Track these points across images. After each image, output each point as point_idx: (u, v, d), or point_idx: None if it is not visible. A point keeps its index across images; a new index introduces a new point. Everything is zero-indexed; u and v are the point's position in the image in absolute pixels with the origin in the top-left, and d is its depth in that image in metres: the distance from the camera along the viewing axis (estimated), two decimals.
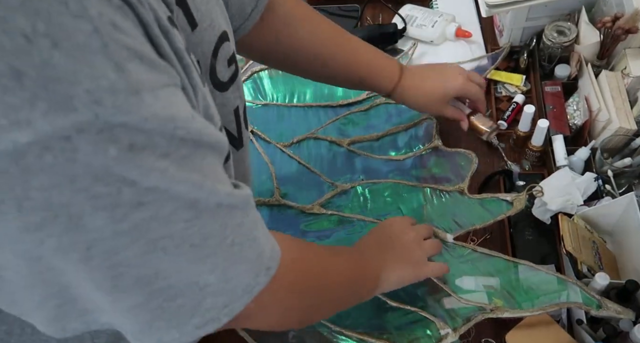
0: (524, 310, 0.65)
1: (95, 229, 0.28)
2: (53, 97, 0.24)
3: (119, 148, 0.26)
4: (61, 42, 0.24)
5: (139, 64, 0.27)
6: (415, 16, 1.00)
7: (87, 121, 0.25)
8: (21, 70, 0.24)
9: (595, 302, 0.63)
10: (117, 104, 0.26)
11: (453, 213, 0.76)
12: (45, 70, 0.24)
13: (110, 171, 0.27)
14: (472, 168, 0.79)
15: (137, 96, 0.27)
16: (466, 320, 0.66)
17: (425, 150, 0.84)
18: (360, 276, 0.57)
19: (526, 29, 0.92)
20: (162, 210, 0.30)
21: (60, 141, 0.25)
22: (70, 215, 0.27)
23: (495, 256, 0.71)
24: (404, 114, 0.89)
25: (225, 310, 0.35)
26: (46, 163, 0.25)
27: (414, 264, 0.64)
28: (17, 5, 0.23)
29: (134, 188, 0.28)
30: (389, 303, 0.69)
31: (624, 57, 0.81)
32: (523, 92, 0.90)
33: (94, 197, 0.27)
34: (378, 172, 0.84)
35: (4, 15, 0.23)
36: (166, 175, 0.29)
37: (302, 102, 0.93)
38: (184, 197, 0.30)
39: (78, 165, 0.26)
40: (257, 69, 0.96)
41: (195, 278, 0.33)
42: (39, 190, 0.26)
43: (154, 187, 0.29)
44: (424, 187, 0.80)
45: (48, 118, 0.24)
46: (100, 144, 0.26)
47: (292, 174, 0.85)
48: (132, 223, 0.29)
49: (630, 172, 0.75)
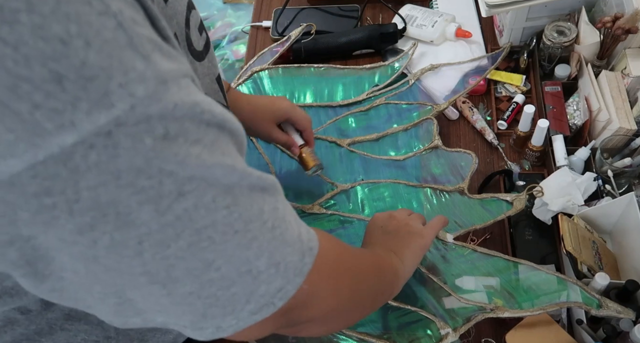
0: (524, 310, 0.65)
1: (143, 223, 0.28)
2: (92, 95, 0.25)
3: (154, 138, 0.27)
4: (92, 41, 0.25)
5: (160, 54, 0.28)
6: (415, 16, 1.00)
7: (124, 114, 0.26)
8: (61, 74, 0.24)
9: (596, 302, 0.63)
10: (148, 93, 0.26)
11: (453, 214, 0.77)
12: (83, 70, 0.25)
13: (150, 163, 0.27)
14: (472, 168, 0.79)
15: (165, 85, 0.27)
16: (466, 320, 0.66)
17: (425, 150, 0.84)
18: (381, 268, 0.56)
19: (526, 29, 0.92)
20: (202, 199, 0.30)
21: (102, 138, 0.25)
22: (118, 212, 0.28)
23: (495, 256, 0.71)
24: (404, 114, 0.89)
25: (280, 294, 0.36)
26: (92, 161, 0.26)
27: (416, 235, 0.63)
28: (49, 12, 0.24)
29: (173, 178, 0.28)
30: (390, 303, 0.69)
31: (624, 57, 0.81)
32: (523, 92, 0.90)
33: (138, 192, 0.27)
34: (378, 172, 0.84)
35: (40, 23, 0.24)
36: (201, 162, 0.29)
37: (302, 102, 0.93)
38: (220, 182, 0.31)
39: (121, 160, 0.26)
40: (257, 69, 0.96)
41: (246, 266, 0.34)
42: (88, 190, 0.26)
43: (191, 176, 0.29)
44: (424, 187, 0.80)
45: (90, 117, 0.25)
46: (137, 135, 0.26)
47: (292, 174, 0.85)
48: (175, 214, 0.29)
49: (630, 172, 0.76)
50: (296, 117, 0.75)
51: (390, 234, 0.63)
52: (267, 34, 1.07)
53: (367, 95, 0.92)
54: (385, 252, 0.59)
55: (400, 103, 0.89)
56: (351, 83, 0.94)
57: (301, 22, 1.02)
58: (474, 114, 0.88)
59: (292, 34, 0.99)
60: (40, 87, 0.24)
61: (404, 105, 0.89)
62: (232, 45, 1.72)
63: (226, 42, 1.73)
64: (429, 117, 0.87)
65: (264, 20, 1.08)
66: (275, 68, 0.96)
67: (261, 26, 1.08)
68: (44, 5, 0.24)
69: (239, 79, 0.96)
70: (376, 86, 0.92)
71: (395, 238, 0.62)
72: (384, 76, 0.94)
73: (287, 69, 0.96)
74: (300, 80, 0.95)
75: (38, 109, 0.24)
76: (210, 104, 0.31)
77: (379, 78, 0.94)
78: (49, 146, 0.25)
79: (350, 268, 0.47)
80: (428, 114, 0.87)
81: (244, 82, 0.95)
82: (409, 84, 0.91)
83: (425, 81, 0.92)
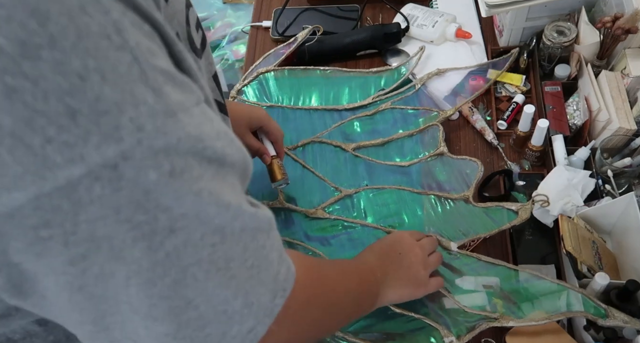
0: (529, 319, 0.64)
1: (134, 261, 0.29)
2: (103, 129, 0.25)
3: (159, 173, 0.27)
4: (108, 76, 0.25)
5: (173, 86, 0.29)
6: (416, 16, 1.00)
7: (132, 148, 0.26)
8: (76, 108, 0.25)
9: (602, 312, 0.63)
10: (156, 127, 0.27)
11: (458, 222, 0.76)
12: (97, 105, 0.25)
13: (149, 197, 0.27)
14: (478, 176, 0.78)
15: (174, 117, 0.28)
16: (471, 329, 0.66)
17: (430, 157, 0.83)
18: (364, 293, 0.58)
19: (526, 29, 0.92)
20: (192, 236, 0.30)
21: (108, 170, 0.26)
22: (112, 246, 0.28)
23: (500, 265, 0.70)
24: (410, 119, 0.88)
25: (250, 335, 0.36)
26: (95, 194, 0.26)
27: (415, 285, 0.64)
28: (69, 47, 0.24)
29: (168, 214, 0.28)
30: (393, 309, 0.69)
31: (623, 57, 0.81)
32: (523, 92, 0.90)
33: (134, 227, 0.28)
34: (382, 178, 0.83)
35: (61, 58, 0.24)
36: (197, 199, 0.29)
37: (308, 104, 0.93)
38: (212, 221, 0.31)
39: (123, 194, 0.27)
40: (262, 70, 0.96)
41: (223, 306, 0.34)
42: (86, 223, 0.26)
43: (185, 213, 0.29)
44: (428, 194, 0.80)
45: (99, 150, 0.25)
46: (142, 169, 0.27)
47: (296, 178, 0.85)
48: (166, 251, 0.29)
49: (630, 172, 0.76)
50: (269, 128, 0.76)
51: (400, 269, 0.63)
52: (267, 34, 1.07)
53: (373, 99, 0.91)
54: (380, 278, 0.60)
55: (406, 108, 0.89)
56: (357, 86, 0.94)
57: (301, 23, 1.02)
58: (474, 113, 0.88)
59: (299, 36, 0.98)
60: (54, 121, 0.24)
61: (410, 110, 0.89)
62: (232, 45, 1.72)
63: (226, 42, 1.73)
64: (434, 124, 0.86)
65: (264, 21, 1.08)
66: (281, 70, 0.96)
67: (261, 26, 1.08)
68: (65, 40, 0.24)
69: (245, 80, 0.95)
70: (382, 90, 0.92)
71: (399, 275, 0.63)
72: (390, 80, 0.94)
73: (293, 71, 0.96)
74: (306, 82, 0.95)
75: (50, 142, 0.24)
76: (214, 138, 0.31)
77: (385, 82, 0.94)
78: (55, 179, 0.25)
79: (323, 303, 0.48)
80: (434, 120, 0.86)
81: (249, 83, 0.95)
82: (415, 89, 0.91)
83: (427, 83, 0.92)
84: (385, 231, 0.78)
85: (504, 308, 0.67)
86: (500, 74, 0.90)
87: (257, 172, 0.85)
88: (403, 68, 0.94)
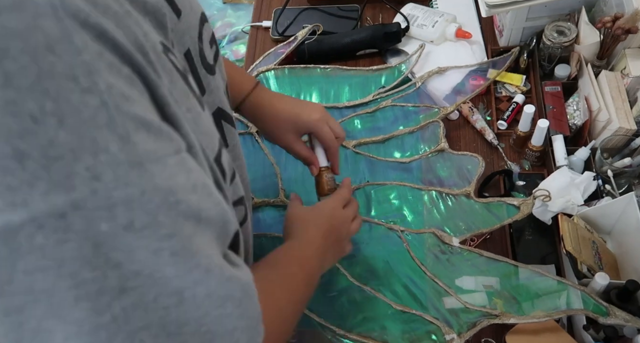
0: (529, 316, 0.65)
1: (74, 322, 0.26)
2: (53, 176, 0.24)
3: (112, 225, 0.25)
4: (67, 119, 0.24)
5: (146, 134, 0.27)
6: (417, 16, 1.00)
7: (84, 198, 0.24)
8: (25, 152, 0.23)
9: (604, 310, 0.63)
10: (116, 177, 0.25)
11: (459, 217, 0.76)
12: (49, 150, 0.23)
13: (99, 251, 0.25)
14: (479, 171, 0.79)
15: (140, 168, 0.26)
16: (472, 326, 0.66)
17: (431, 153, 0.84)
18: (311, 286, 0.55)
19: (526, 29, 0.92)
20: (144, 297, 0.27)
21: (54, 219, 0.24)
22: (52, 303, 0.25)
23: (502, 261, 0.71)
24: (410, 116, 0.88)
25: None
26: (36, 244, 0.24)
27: (342, 254, 0.65)
28: (27, 86, 0.23)
29: (119, 271, 0.26)
30: (394, 307, 0.69)
31: (623, 57, 0.81)
32: (523, 92, 0.90)
33: (78, 285, 0.25)
34: (383, 175, 0.84)
35: (14, 98, 0.23)
36: (155, 257, 0.27)
37: None
38: (169, 282, 0.28)
39: (68, 247, 0.25)
40: (263, 69, 0.96)
41: None
42: (24, 274, 0.24)
43: (139, 271, 0.27)
44: (429, 190, 0.80)
45: (46, 197, 0.24)
46: (94, 221, 0.25)
47: (297, 175, 0.85)
48: (112, 314, 0.27)
49: (630, 172, 0.76)
50: (320, 134, 0.66)
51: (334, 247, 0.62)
52: (267, 34, 1.07)
53: (374, 97, 0.91)
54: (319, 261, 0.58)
55: (406, 105, 0.89)
56: (357, 84, 0.94)
57: (301, 22, 1.02)
58: (474, 113, 0.88)
59: (299, 35, 0.98)
60: None
61: (411, 107, 0.89)
62: (232, 45, 1.72)
63: (226, 42, 1.73)
64: (435, 120, 0.86)
65: (264, 20, 1.08)
66: (281, 68, 0.96)
67: (261, 26, 1.08)
68: (22, 79, 0.23)
69: None
70: (382, 88, 0.92)
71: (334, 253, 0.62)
72: (390, 78, 0.94)
73: (293, 70, 0.96)
74: (306, 80, 0.95)
75: None
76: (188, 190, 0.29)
77: (385, 80, 0.94)
78: None
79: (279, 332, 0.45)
80: (434, 117, 0.86)
81: None
82: (415, 87, 0.91)
83: (427, 82, 0.92)
84: (387, 227, 0.78)
85: (505, 307, 0.67)
86: (501, 73, 0.90)
87: (263, 171, 0.85)
88: (403, 66, 0.95)
